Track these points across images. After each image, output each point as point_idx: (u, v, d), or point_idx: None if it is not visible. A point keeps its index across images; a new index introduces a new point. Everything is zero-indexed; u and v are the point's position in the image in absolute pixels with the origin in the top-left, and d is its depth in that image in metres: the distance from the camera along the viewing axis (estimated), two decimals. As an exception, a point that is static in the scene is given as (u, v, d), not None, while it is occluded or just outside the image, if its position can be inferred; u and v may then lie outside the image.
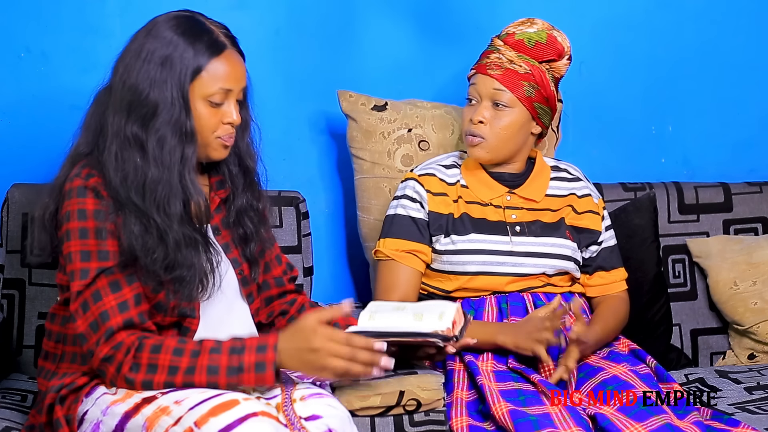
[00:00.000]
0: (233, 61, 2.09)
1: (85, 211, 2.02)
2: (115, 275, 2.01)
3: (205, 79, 2.06)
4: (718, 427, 2.27)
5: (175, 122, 2.03)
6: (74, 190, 2.04)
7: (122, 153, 2.03)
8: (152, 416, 1.91)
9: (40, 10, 2.76)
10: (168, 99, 2.03)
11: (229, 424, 1.84)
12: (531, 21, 2.54)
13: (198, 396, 1.91)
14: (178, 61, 2.04)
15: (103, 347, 1.98)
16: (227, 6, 2.86)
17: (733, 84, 3.20)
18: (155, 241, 2.01)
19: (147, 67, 2.04)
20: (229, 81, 2.08)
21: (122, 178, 2.03)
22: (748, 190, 3.05)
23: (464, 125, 2.53)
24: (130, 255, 2.01)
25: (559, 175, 2.62)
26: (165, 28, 2.07)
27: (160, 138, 2.03)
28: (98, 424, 1.98)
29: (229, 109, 2.10)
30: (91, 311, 1.99)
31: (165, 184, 2.03)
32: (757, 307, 2.84)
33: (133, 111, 2.04)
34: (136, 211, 2.02)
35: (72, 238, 2.02)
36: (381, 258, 2.53)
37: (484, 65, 2.51)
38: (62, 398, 2.03)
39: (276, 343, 1.97)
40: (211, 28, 2.10)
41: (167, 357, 1.97)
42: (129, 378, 1.97)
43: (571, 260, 2.53)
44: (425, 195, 2.53)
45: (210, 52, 2.06)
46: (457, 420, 2.23)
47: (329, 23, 2.92)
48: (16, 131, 2.78)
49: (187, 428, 1.86)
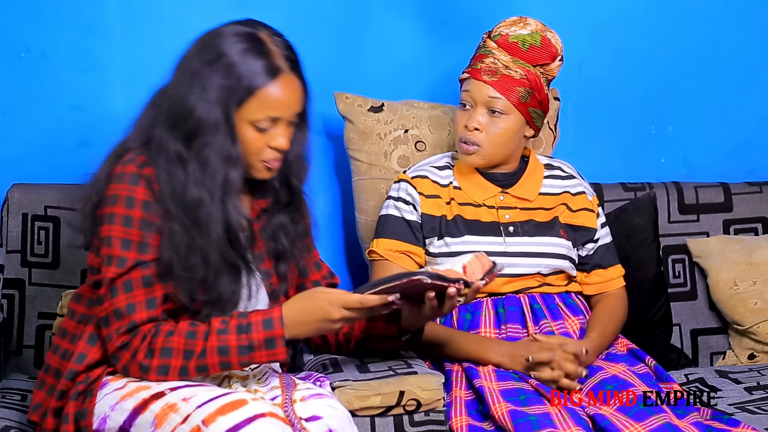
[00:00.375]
0: (287, 87, 2.02)
1: (134, 199, 2.00)
2: (150, 270, 2.00)
3: (253, 104, 2.00)
4: (718, 427, 2.27)
5: (219, 146, 1.99)
6: (126, 176, 2.01)
7: (168, 167, 2.00)
8: (161, 413, 1.91)
9: (40, 10, 2.76)
10: (213, 120, 1.98)
11: (237, 424, 1.84)
12: (523, 21, 2.52)
13: (206, 394, 1.91)
14: (228, 82, 1.98)
15: (122, 336, 1.98)
16: (227, 6, 2.86)
17: (733, 84, 3.20)
18: (198, 259, 2.00)
19: (195, 83, 1.99)
20: (278, 109, 2.02)
21: (170, 191, 2.00)
22: (748, 190, 3.05)
23: (458, 130, 2.51)
24: (168, 268, 2.00)
25: (553, 173, 2.62)
26: (223, 43, 2.01)
27: (202, 160, 1.99)
28: (105, 418, 1.98)
29: (276, 133, 2.04)
30: (118, 299, 1.99)
31: (206, 208, 2.00)
32: (757, 307, 2.84)
33: (177, 125, 2.00)
34: (182, 226, 2.00)
35: (115, 223, 2.00)
36: (375, 258, 2.53)
37: (478, 70, 2.49)
38: (78, 393, 2.02)
39: (281, 315, 1.99)
40: (270, 49, 2.02)
41: (181, 340, 1.97)
42: (144, 364, 1.97)
43: (566, 259, 2.53)
44: (418, 197, 2.53)
45: (263, 78, 1.99)
46: (457, 419, 2.23)
47: (328, 25, 2.92)
48: (16, 131, 2.78)
49: (195, 426, 1.86)
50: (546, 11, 2.86)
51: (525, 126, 2.51)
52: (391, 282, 2.01)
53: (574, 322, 2.48)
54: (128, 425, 1.95)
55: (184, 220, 2.00)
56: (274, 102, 2.01)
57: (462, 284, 2.07)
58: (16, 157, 2.78)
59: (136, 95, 2.79)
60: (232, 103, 1.99)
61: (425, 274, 2.03)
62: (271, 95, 2.01)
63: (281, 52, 2.03)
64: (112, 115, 2.82)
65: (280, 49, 2.03)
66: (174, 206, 2.00)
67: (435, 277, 2.04)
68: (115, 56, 2.81)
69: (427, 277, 2.02)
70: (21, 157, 2.78)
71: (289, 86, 2.03)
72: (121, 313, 1.98)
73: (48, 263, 2.59)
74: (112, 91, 2.82)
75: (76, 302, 2.15)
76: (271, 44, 2.03)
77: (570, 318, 2.49)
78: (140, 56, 2.82)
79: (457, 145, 2.53)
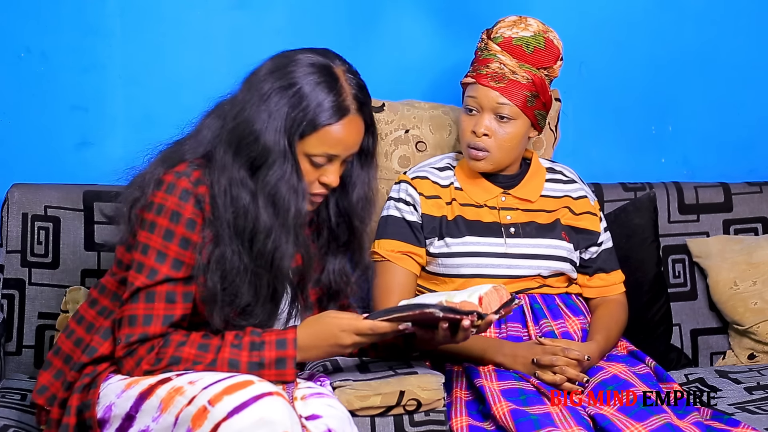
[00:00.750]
0: (350, 129, 2.01)
1: (180, 216, 1.99)
2: (176, 287, 2.00)
3: (313, 139, 1.99)
4: (718, 427, 2.27)
5: (288, 179, 1.97)
6: (177, 189, 1.99)
7: (231, 190, 1.99)
8: (167, 397, 1.92)
9: (40, 10, 2.76)
10: (279, 150, 1.97)
11: (243, 402, 1.85)
12: (524, 21, 2.51)
13: (212, 377, 1.92)
14: (294, 114, 1.97)
15: (130, 344, 1.98)
16: (227, 6, 2.86)
17: (733, 84, 3.20)
18: (246, 288, 2.00)
19: (264, 107, 1.97)
20: (336, 148, 2.01)
21: (233, 216, 1.99)
22: (748, 190, 3.05)
23: (465, 136, 2.50)
24: (212, 293, 1.99)
25: (554, 177, 2.62)
26: (297, 72, 1.99)
27: (271, 191, 1.98)
28: (110, 406, 1.98)
29: (329, 169, 2.03)
30: (137, 306, 1.99)
31: (276, 240, 1.99)
32: (757, 307, 2.84)
33: (241, 150, 1.99)
34: (238, 252, 1.99)
35: (155, 233, 2.00)
36: (377, 259, 2.53)
37: (483, 75, 2.48)
38: (83, 386, 2.03)
39: (295, 338, 1.99)
40: (342, 87, 2.00)
41: (192, 351, 1.98)
42: (149, 370, 1.98)
43: (566, 261, 2.53)
44: (418, 198, 2.53)
45: (328, 115, 1.98)
46: (457, 420, 2.23)
47: (328, 25, 2.92)
48: (16, 131, 2.78)
49: (201, 407, 1.87)
50: (546, 11, 2.86)
51: (531, 128, 2.51)
52: (404, 312, 2.02)
53: (575, 323, 2.48)
54: (135, 411, 1.95)
55: (244, 249, 1.99)
56: (334, 141, 2.01)
57: (476, 316, 2.05)
58: (16, 157, 2.78)
59: (136, 95, 2.82)
60: (296, 134, 1.98)
61: (438, 307, 2.02)
62: (332, 134, 2.00)
63: (352, 92, 2.02)
64: (112, 115, 2.82)
65: (352, 88, 2.02)
66: (230, 232, 1.99)
67: (447, 311, 2.03)
68: (115, 56, 2.81)
69: (439, 311, 2.01)
70: (21, 157, 2.78)
71: (353, 128, 2.03)
72: (137, 322, 1.99)
73: (48, 263, 2.59)
74: (112, 91, 2.82)
75: (99, 293, 2.14)
76: (344, 81, 2.02)
77: (571, 318, 2.49)
78: (140, 56, 2.82)
79: (464, 151, 2.52)
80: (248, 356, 1.98)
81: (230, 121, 2.01)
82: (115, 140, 2.80)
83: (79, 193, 2.63)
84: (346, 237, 2.16)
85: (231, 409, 1.84)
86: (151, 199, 2.01)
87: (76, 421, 2.02)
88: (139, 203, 2.03)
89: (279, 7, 2.89)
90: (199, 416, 1.86)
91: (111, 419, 1.98)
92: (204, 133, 2.06)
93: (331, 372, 2.21)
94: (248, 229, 1.99)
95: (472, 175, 2.56)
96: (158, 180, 2.01)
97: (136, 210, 2.03)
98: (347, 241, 2.17)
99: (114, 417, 1.98)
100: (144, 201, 2.02)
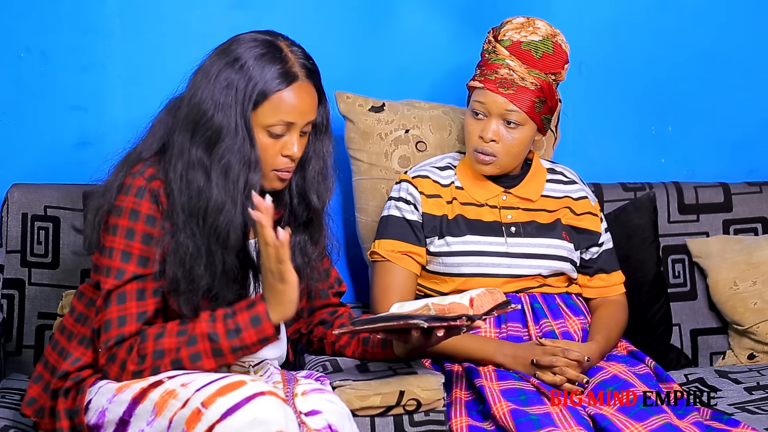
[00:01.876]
0: (302, 94, 2.03)
1: (139, 212, 2.01)
2: (145, 283, 2.01)
3: (266, 108, 2.01)
4: (718, 427, 2.27)
5: (239, 150, 1.99)
6: (133, 188, 2.02)
7: (187, 174, 2.00)
8: (160, 400, 1.92)
9: (40, 10, 2.76)
10: (232, 125, 1.99)
11: (237, 403, 1.85)
12: (532, 23, 2.50)
13: (204, 378, 1.92)
14: (243, 86, 1.99)
15: (110, 349, 1.99)
16: (227, 6, 2.86)
17: (733, 84, 3.20)
18: (202, 269, 2.01)
19: (213, 87, 2.00)
20: (291, 114, 2.02)
21: (186, 199, 2.00)
22: (748, 190, 3.05)
23: (471, 140, 2.50)
24: (175, 284, 2.00)
25: (555, 178, 2.62)
26: (240, 49, 2.02)
27: (224, 165, 1.99)
28: (104, 411, 1.98)
29: (290, 140, 2.04)
30: (110, 310, 1.99)
31: (227, 213, 2.00)
32: (757, 307, 2.84)
33: (197, 132, 2.01)
34: (191, 235, 2.00)
35: (118, 235, 2.01)
36: (377, 259, 2.52)
37: (492, 81, 2.46)
38: (66, 390, 2.04)
39: (262, 296, 1.98)
40: (287, 56, 2.03)
41: (172, 340, 1.98)
42: (136, 371, 1.98)
43: (567, 261, 2.53)
44: (419, 197, 2.53)
45: (277, 82, 2.00)
46: (457, 420, 2.23)
47: (327, 24, 2.92)
48: (16, 131, 2.78)
49: (195, 409, 1.87)
50: (546, 11, 2.86)
51: (536, 132, 2.51)
52: (389, 322, 2.02)
53: (575, 322, 2.48)
54: (128, 416, 1.95)
55: (196, 229, 2.00)
56: (288, 107, 2.02)
57: (464, 320, 2.05)
58: (16, 157, 2.78)
59: (136, 95, 2.82)
60: (248, 106, 2.00)
61: (423, 318, 2.01)
62: (284, 100, 2.01)
63: (298, 60, 2.04)
64: (112, 115, 2.82)
65: (297, 58, 2.04)
66: (184, 216, 2.00)
67: (433, 320, 2.02)
68: (115, 56, 2.81)
69: (423, 321, 2.01)
70: (21, 157, 2.78)
71: (304, 93, 2.04)
72: (111, 325, 1.99)
73: (48, 263, 2.59)
74: (112, 91, 2.82)
75: (78, 300, 2.16)
76: (289, 52, 2.04)
77: (571, 318, 2.49)
78: (140, 56, 2.82)
79: (470, 154, 2.52)
80: (224, 326, 1.97)
81: (183, 108, 2.04)
82: (115, 140, 2.79)
83: (78, 193, 2.63)
84: (304, 216, 2.16)
85: (224, 411, 1.84)
86: (116, 203, 2.03)
87: (69, 424, 2.03)
88: (102, 210, 2.05)
89: (279, 7, 2.90)
90: (193, 419, 1.86)
91: (105, 424, 1.98)
92: (156, 128, 2.09)
93: (331, 372, 2.21)
94: (201, 208, 2.00)
95: (473, 174, 2.56)
96: (119, 185, 2.04)
97: (102, 216, 2.05)
98: (306, 221, 2.16)
99: (108, 422, 1.98)
100: (107, 207, 2.04)
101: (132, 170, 2.04)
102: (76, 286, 2.56)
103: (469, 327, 2.08)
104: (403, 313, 2.04)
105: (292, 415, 1.90)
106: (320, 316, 2.30)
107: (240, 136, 1.99)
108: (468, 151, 2.53)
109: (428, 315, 2.02)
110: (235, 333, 1.97)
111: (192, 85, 2.04)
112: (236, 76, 2.00)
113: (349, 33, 2.94)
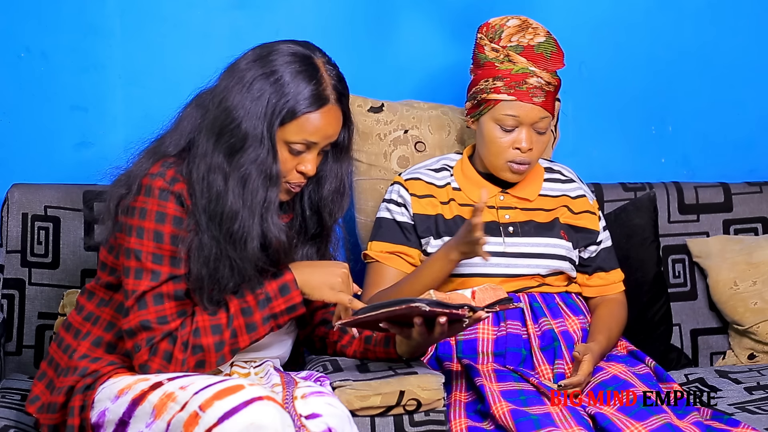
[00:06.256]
0: (329, 118, 2.05)
1: (165, 215, 2.02)
2: (181, 284, 2.03)
3: (293, 127, 2.03)
4: (718, 427, 2.27)
5: (261, 162, 2.01)
6: (155, 191, 2.02)
7: (208, 176, 2.02)
8: (159, 403, 1.93)
9: (40, 10, 2.76)
10: (258, 135, 2.00)
11: (234, 407, 1.85)
12: (530, 25, 2.49)
13: (203, 381, 1.93)
14: (275, 101, 2.01)
15: (151, 347, 2.01)
16: (227, 6, 2.86)
17: (733, 84, 3.20)
18: (227, 272, 2.03)
19: (245, 95, 2.01)
20: (315, 135, 2.04)
21: (207, 202, 2.02)
22: (748, 190, 3.05)
23: (505, 153, 2.46)
24: (199, 282, 2.03)
25: (553, 177, 2.61)
26: (278, 61, 2.03)
27: (243, 174, 2.01)
28: (104, 411, 1.99)
29: (307, 158, 2.07)
30: (148, 311, 2.01)
31: (242, 222, 2.01)
32: (757, 307, 2.84)
33: (222, 136, 2.02)
34: (212, 237, 2.02)
35: (145, 238, 2.02)
36: (368, 260, 2.54)
37: (524, 92, 2.43)
38: (87, 386, 2.04)
39: (288, 266, 2.07)
40: (322, 77, 2.04)
41: (208, 324, 2.02)
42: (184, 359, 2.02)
43: (565, 260, 2.53)
44: (409, 198, 2.53)
45: (308, 103, 2.02)
46: (456, 422, 2.23)
47: (327, 25, 2.92)
48: (16, 131, 2.78)
49: (193, 413, 1.87)
50: (546, 11, 2.87)
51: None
52: (392, 306, 2.02)
53: (575, 322, 2.48)
54: (127, 417, 1.96)
55: (216, 233, 2.02)
56: (313, 128, 2.04)
57: (467, 309, 2.06)
58: (16, 157, 2.78)
59: (136, 95, 2.82)
60: (275, 121, 2.01)
61: (425, 301, 2.02)
62: (311, 122, 2.03)
63: (332, 83, 2.06)
64: (112, 115, 2.82)
65: (331, 79, 2.06)
66: (206, 218, 2.02)
67: (434, 304, 2.03)
68: (115, 56, 2.81)
69: (425, 305, 2.01)
70: (21, 157, 2.78)
71: (332, 117, 2.06)
72: (150, 325, 2.01)
73: (48, 263, 2.60)
74: (112, 91, 2.82)
75: (87, 299, 2.16)
76: (324, 72, 2.06)
77: (570, 317, 2.49)
78: (140, 56, 2.82)
79: (501, 166, 2.49)
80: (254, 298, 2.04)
81: (212, 110, 2.04)
82: (115, 140, 2.80)
83: (78, 193, 2.63)
84: (315, 229, 2.19)
85: (222, 415, 1.85)
86: (132, 204, 2.04)
87: (80, 422, 2.03)
88: (126, 200, 2.05)
89: (279, 7, 2.90)
90: (191, 422, 1.87)
91: (105, 424, 1.99)
92: (184, 125, 2.09)
93: (331, 372, 2.21)
94: (218, 213, 2.01)
95: (470, 174, 2.56)
96: (139, 184, 2.04)
97: (122, 208, 2.05)
98: (316, 234, 2.20)
99: (108, 422, 1.99)
100: (130, 199, 2.04)
101: (150, 171, 2.04)
102: (77, 286, 2.57)
103: (471, 319, 2.08)
104: (404, 298, 2.05)
105: (290, 420, 1.91)
106: (321, 316, 2.31)
107: (264, 148, 2.01)
108: (497, 163, 2.50)
109: (430, 299, 2.03)
110: (266, 302, 2.03)
111: (224, 86, 2.04)
112: (270, 89, 2.01)
113: (348, 33, 2.94)
